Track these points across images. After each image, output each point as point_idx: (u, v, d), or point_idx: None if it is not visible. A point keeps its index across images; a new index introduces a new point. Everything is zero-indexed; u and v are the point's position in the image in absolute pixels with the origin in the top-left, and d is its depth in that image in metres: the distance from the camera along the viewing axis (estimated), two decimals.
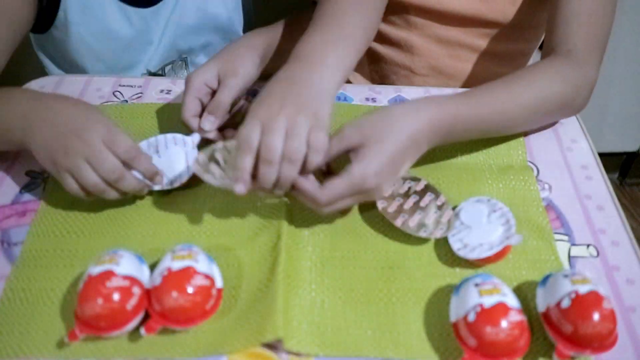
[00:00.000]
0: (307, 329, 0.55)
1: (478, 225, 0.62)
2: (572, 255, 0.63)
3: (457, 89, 0.74)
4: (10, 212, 0.65)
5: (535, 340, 0.54)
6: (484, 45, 0.90)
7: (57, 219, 0.64)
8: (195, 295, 0.52)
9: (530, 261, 0.62)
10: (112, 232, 0.63)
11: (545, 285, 0.55)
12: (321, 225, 0.65)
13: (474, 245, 0.60)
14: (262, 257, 0.61)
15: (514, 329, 0.51)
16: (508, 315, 0.51)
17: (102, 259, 0.54)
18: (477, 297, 0.53)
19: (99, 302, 0.51)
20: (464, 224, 0.62)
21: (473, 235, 0.61)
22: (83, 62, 0.86)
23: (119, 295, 0.52)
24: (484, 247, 0.59)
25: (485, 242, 0.60)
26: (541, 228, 0.65)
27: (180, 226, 0.64)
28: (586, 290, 0.52)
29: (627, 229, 0.65)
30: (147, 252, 0.61)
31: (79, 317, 0.52)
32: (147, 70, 0.89)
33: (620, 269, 0.61)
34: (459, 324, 0.53)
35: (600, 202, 0.68)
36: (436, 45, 0.91)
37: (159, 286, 0.53)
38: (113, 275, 0.52)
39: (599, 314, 0.51)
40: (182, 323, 0.53)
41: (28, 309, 0.56)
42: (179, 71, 0.92)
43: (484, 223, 0.62)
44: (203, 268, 0.54)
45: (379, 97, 0.83)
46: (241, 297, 0.57)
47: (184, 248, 0.56)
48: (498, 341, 0.50)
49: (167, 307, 0.52)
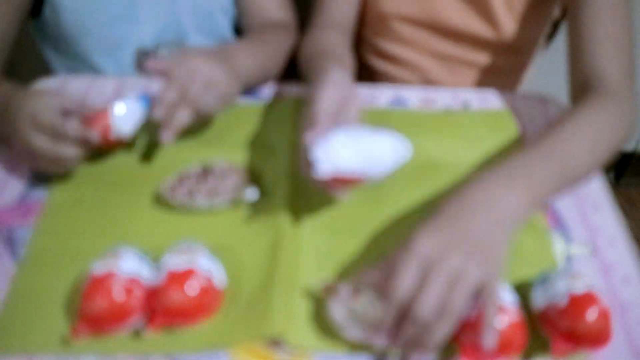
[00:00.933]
0: (308, 324, 0.56)
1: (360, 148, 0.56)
2: (568, 254, 0.63)
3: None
4: (15, 211, 0.66)
5: (531, 339, 0.55)
6: (481, 60, 0.90)
7: (60, 218, 0.65)
8: (197, 293, 0.53)
9: (526, 260, 0.62)
10: (114, 230, 0.64)
11: (542, 284, 0.56)
12: (322, 224, 0.65)
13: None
14: (263, 256, 0.61)
15: (511, 328, 0.51)
16: (505, 314, 0.52)
17: (105, 257, 0.55)
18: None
19: (102, 300, 0.52)
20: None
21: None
22: (74, 39, 0.86)
23: (122, 293, 0.52)
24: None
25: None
26: (537, 227, 0.65)
27: (182, 224, 0.65)
28: (582, 289, 0.53)
29: (623, 228, 0.66)
30: (149, 251, 0.61)
31: (82, 315, 0.53)
32: (140, 49, 0.89)
33: (616, 268, 0.62)
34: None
35: (596, 201, 0.69)
36: (432, 60, 0.92)
37: (162, 284, 0.54)
38: (116, 273, 0.53)
39: (594, 312, 0.52)
40: (184, 321, 0.54)
41: (32, 307, 0.57)
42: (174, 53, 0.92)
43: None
44: (205, 267, 0.55)
45: (377, 98, 0.84)
46: (242, 295, 0.58)
47: (186, 246, 0.57)
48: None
49: (169, 306, 0.53)
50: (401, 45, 0.92)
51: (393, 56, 0.93)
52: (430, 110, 0.81)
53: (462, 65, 0.91)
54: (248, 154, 0.74)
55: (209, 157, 0.72)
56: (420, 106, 0.82)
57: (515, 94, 0.85)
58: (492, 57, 0.90)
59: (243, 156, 0.73)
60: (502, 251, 0.51)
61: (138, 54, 0.88)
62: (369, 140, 0.57)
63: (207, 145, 0.75)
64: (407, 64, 0.93)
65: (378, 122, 0.78)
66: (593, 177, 0.70)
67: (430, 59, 0.92)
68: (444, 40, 0.89)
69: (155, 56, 0.77)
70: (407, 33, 0.89)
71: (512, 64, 0.93)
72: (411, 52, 0.92)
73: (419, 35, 0.89)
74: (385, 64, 0.95)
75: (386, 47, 0.93)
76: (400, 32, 0.90)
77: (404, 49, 0.92)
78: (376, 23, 0.92)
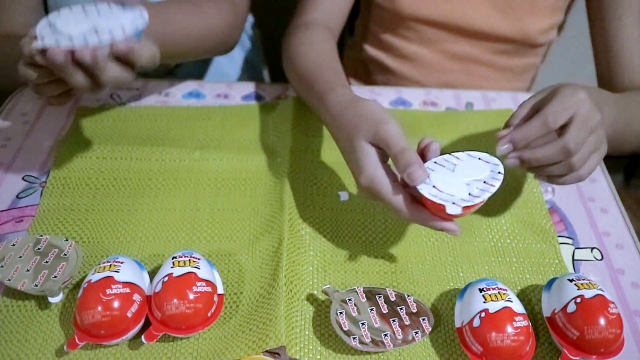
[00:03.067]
0: (310, 335, 0.54)
1: (459, 176, 0.53)
2: (576, 259, 0.62)
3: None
4: (7, 217, 0.64)
5: (541, 346, 0.54)
6: (497, 60, 0.90)
7: (54, 225, 0.63)
8: (196, 301, 0.52)
9: (534, 265, 0.61)
10: (110, 237, 0.62)
11: (550, 290, 0.55)
12: (322, 229, 0.64)
13: (429, 182, 0.53)
14: (263, 262, 0.60)
15: (520, 335, 0.50)
16: (513, 321, 0.50)
17: (102, 265, 0.54)
18: (482, 302, 0.52)
19: (99, 309, 0.50)
20: (454, 166, 0.54)
21: (443, 177, 0.53)
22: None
23: (119, 302, 0.51)
24: (433, 190, 0.52)
25: (439, 189, 0.52)
26: (545, 231, 0.64)
27: (180, 231, 0.63)
28: (592, 294, 0.52)
29: (632, 231, 0.65)
30: (146, 258, 0.60)
31: (78, 325, 0.51)
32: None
33: (624, 272, 0.61)
34: (463, 330, 0.52)
35: (604, 204, 0.68)
36: (449, 61, 0.90)
37: (160, 293, 0.52)
38: (113, 282, 0.52)
39: (605, 318, 0.50)
40: (183, 330, 0.52)
41: (27, 317, 0.55)
42: None
43: (464, 180, 0.53)
44: (204, 274, 0.54)
45: (379, 99, 0.83)
46: (243, 303, 0.57)
47: (185, 254, 0.55)
48: (503, 347, 0.50)
49: (169, 314, 0.51)
50: (418, 45, 0.90)
51: (408, 55, 0.92)
52: (432, 111, 0.80)
53: (478, 66, 0.90)
54: (248, 155, 0.72)
55: (209, 158, 0.71)
56: (423, 108, 0.81)
57: (524, 93, 0.84)
58: (508, 58, 0.89)
59: (243, 158, 0.72)
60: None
61: None
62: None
63: (205, 146, 0.73)
64: (423, 64, 0.91)
65: None
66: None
67: (447, 59, 0.90)
68: (465, 41, 0.87)
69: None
70: (424, 33, 0.88)
71: (526, 65, 0.92)
72: (428, 51, 0.90)
73: (438, 36, 0.87)
74: (399, 62, 0.93)
75: (401, 46, 0.91)
76: (417, 32, 0.88)
77: (421, 49, 0.90)
78: (388, 21, 0.90)
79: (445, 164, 0.54)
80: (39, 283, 0.54)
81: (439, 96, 0.83)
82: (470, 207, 0.51)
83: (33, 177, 0.69)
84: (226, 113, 0.79)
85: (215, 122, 0.77)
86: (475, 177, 0.53)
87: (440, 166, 0.54)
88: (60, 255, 0.57)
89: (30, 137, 0.74)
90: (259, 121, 0.77)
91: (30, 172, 0.69)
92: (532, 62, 0.92)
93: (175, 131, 0.75)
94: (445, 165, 0.54)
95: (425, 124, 0.78)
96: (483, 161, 0.55)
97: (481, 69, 0.91)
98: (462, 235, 0.64)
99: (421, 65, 0.92)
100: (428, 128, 0.77)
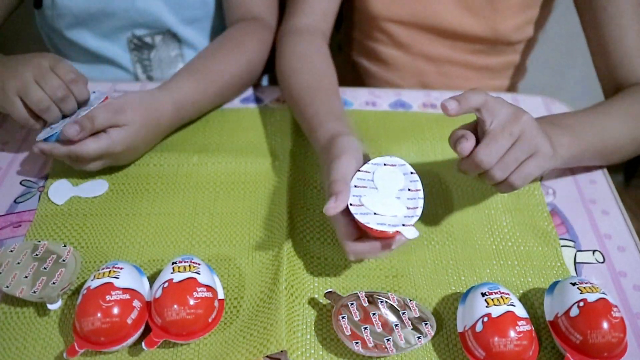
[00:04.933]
0: (312, 340, 0.54)
1: (386, 192, 0.54)
2: (577, 262, 0.62)
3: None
4: (5, 223, 0.63)
5: (544, 350, 0.54)
6: (473, 60, 0.89)
7: (53, 230, 0.63)
8: (197, 307, 0.51)
9: (536, 268, 0.61)
10: (109, 242, 0.62)
11: (553, 293, 0.55)
12: (323, 233, 0.64)
13: (368, 210, 0.53)
14: (263, 267, 0.60)
15: (523, 339, 0.50)
16: (516, 325, 0.50)
17: (101, 271, 0.53)
18: (484, 306, 0.52)
19: (99, 316, 0.50)
20: (373, 183, 0.55)
21: (375, 199, 0.53)
22: (70, 31, 0.85)
23: (119, 308, 0.50)
24: (376, 217, 0.52)
25: (381, 213, 0.52)
26: (546, 234, 0.64)
27: (179, 236, 0.63)
28: (595, 298, 0.52)
29: (633, 233, 0.65)
30: (146, 263, 0.60)
31: (78, 332, 0.51)
32: (134, 35, 0.87)
33: (627, 275, 0.60)
34: (466, 334, 0.52)
35: (605, 206, 0.68)
36: (425, 63, 0.90)
37: (160, 298, 0.52)
38: (112, 288, 0.51)
39: (608, 322, 0.50)
40: (184, 336, 0.52)
41: (26, 324, 0.54)
42: (170, 43, 0.90)
43: (392, 193, 0.54)
44: (205, 279, 0.53)
45: (379, 101, 0.82)
46: (243, 307, 0.56)
47: (185, 259, 0.55)
48: (507, 352, 0.49)
49: (169, 320, 0.51)
50: (392, 48, 0.90)
51: (384, 59, 0.92)
52: (432, 113, 0.80)
53: (455, 67, 0.90)
54: (247, 158, 0.72)
55: (208, 162, 0.70)
56: (422, 110, 0.81)
57: (517, 94, 0.84)
58: (486, 57, 0.89)
59: (242, 161, 0.71)
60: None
61: None
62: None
63: (204, 149, 0.73)
64: (399, 67, 0.91)
65: (381, 124, 0.77)
66: (631, 155, 0.71)
67: (423, 61, 0.90)
68: (439, 43, 0.87)
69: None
70: (399, 36, 0.87)
71: (508, 62, 0.91)
72: (403, 54, 0.90)
73: (412, 37, 0.87)
74: (377, 66, 0.93)
75: (377, 49, 0.91)
76: (391, 35, 0.88)
77: (396, 52, 0.90)
78: (366, 25, 0.90)
79: (365, 183, 0.54)
80: (37, 290, 0.54)
81: (438, 98, 0.83)
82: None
83: (31, 182, 0.68)
84: (225, 116, 0.78)
85: (214, 125, 0.77)
86: (398, 187, 0.54)
87: (363, 188, 0.54)
88: (59, 261, 0.57)
89: (28, 141, 0.73)
90: (258, 124, 0.77)
91: (28, 177, 0.69)
92: (510, 60, 0.91)
93: (173, 135, 0.74)
94: (367, 185, 0.54)
95: (425, 126, 0.78)
96: (390, 166, 0.56)
97: (458, 70, 0.90)
98: (463, 238, 0.64)
99: (397, 69, 0.92)
100: (428, 130, 0.77)
